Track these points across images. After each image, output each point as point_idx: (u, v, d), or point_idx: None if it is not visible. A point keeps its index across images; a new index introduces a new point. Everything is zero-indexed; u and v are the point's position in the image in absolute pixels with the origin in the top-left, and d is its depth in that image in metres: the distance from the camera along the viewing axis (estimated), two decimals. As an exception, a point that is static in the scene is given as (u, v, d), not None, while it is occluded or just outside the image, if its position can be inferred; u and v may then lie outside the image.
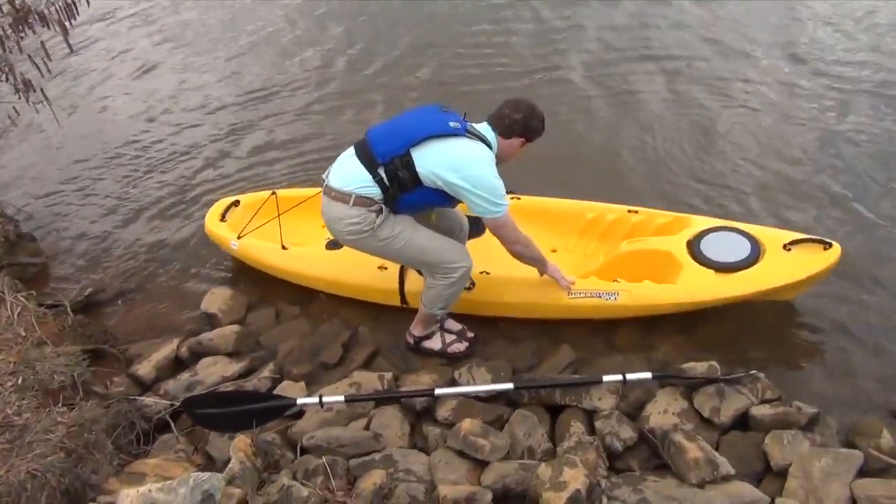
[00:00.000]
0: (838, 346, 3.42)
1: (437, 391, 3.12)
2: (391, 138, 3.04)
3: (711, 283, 3.40)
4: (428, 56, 6.67)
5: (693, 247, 3.55)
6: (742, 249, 3.47)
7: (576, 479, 2.57)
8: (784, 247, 3.43)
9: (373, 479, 2.73)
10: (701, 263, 3.47)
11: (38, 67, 4.80)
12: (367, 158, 3.04)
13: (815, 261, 3.37)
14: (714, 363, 3.18)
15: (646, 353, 3.48)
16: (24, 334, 3.64)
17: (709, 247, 3.52)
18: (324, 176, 3.24)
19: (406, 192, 3.04)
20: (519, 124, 3.07)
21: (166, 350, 3.77)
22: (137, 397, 3.35)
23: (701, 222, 3.70)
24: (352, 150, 3.16)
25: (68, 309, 4.10)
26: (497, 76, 6.20)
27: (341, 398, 3.12)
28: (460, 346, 3.54)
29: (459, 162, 2.96)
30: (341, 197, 3.09)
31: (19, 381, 3.14)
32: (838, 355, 3.37)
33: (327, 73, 6.70)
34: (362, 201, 3.06)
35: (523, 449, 2.91)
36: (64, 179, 5.68)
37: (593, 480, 2.62)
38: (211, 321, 4.00)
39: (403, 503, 2.66)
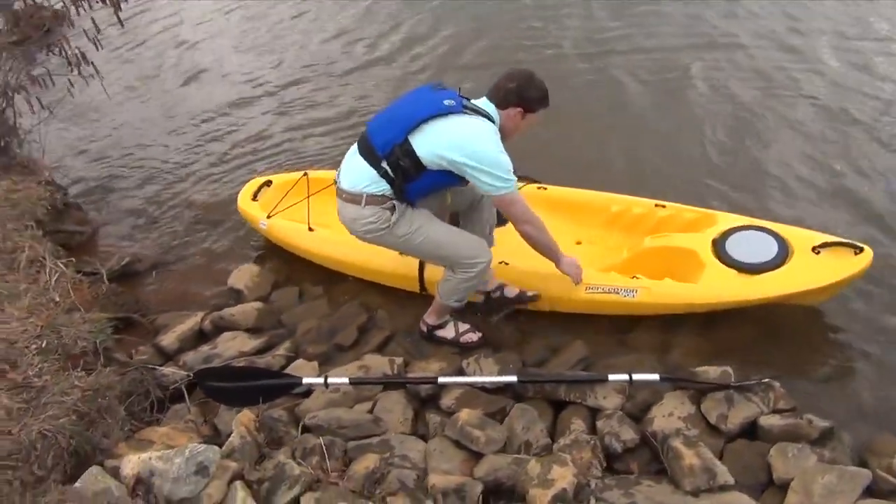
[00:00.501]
0: (864, 358, 3.26)
1: (441, 379, 3.13)
2: (388, 127, 3.00)
3: (734, 284, 3.30)
4: (475, 42, 6.63)
5: (718, 245, 3.45)
6: (769, 250, 3.35)
7: (564, 477, 2.55)
8: (813, 249, 3.30)
9: (366, 463, 2.76)
10: (725, 263, 3.36)
11: (91, 41, 4.97)
12: (369, 153, 3.03)
13: (844, 266, 3.23)
14: (728, 369, 3.09)
15: (660, 354, 3.39)
16: (57, 300, 3.80)
17: (735, 246, 3.41)
18: (335, 177, 3.25)
19: (412, 181, 2.99)
20: (513, 94, 2.97)
21: (191, 322, 3.88)
22: (156, 367, 3.45)
23: (729, 220, 3.59)
24: (355, 147, 3.16)
25: (104, 277, 4.24)
26: (543, 60, 6.13)
27: (346, 380, 3.15)
28: (473, 337, 3.53)
29: (460, 139, 2.89)
30: (352, 198, 3.10)
31: (43, 345, 3.27)
32: (863, 368, 3.21)
33: (375, 56, 6.74)
34: (374, 200, 3.06)
35: (520, 443, 2.89)
36: (113, 152, 5.91)
37: (583, 480, 2.59)
38: (237, 297, 4.09)
39: (394, 489, 2.67)
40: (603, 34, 6.58)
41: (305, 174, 4.49)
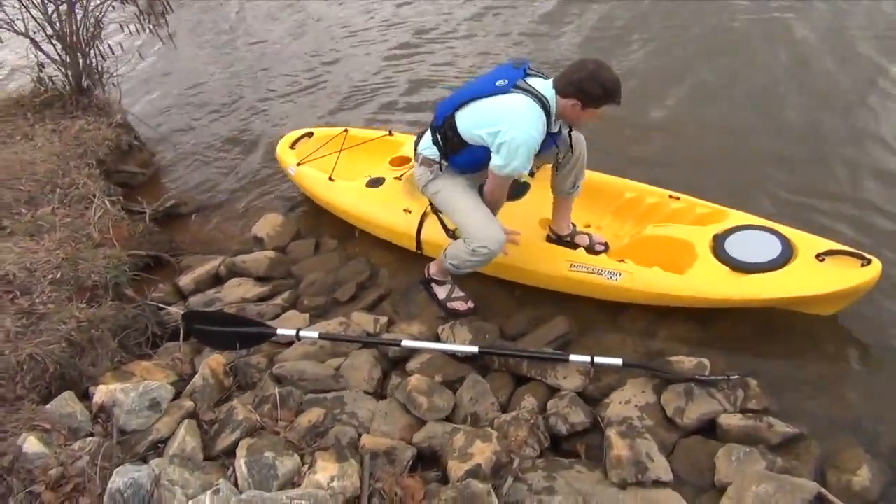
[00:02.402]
0: (859, 370, 2.97)
1: (405, 343, 3.15)
2: (448, 102, 3.21)
3: (720, 281, 3.09)
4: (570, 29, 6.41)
5: (718, 241, 3.26)
6: (769, 252, 3.12)
7: (482, 453, 2.52)
8: (817, 256, 3.03)
9: (310, 416, 2.84)
10: (719, 259, 3.17)
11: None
12: (432, 122, 3.30)
13: (846, 276, 2.94)
14: (704, 361, 2.93)
15: (646, 339, 3.24)
16: (95, 236, 4.10)
17: (734, 244, 3.21)
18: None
19: (456, 153, 3.20)
20: (573, 85, 2.91)
21: (209, 266, 4.09)
22: (158, 305, 3.67)
23: (740, 218, 3.37)
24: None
25: (146, 217, 4.53)
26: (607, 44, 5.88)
27: (316, 335, 3.24)
28: (460, 306, 3.51)
29: (495, 117, 2.98)
30: (415, 157, 3.45)
31: (59, 276, 3.55)
32: (855, 380, 2.92)
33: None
34: (426, 161, 3.35)
35: (467, 414, 2.87)
36: (188, 98, 6.26)
37: (504, 458, 2.54)
38: (259, 244, 4.27)
39: (328, 444, 2.73)
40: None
41: (346, 130, 4.62)
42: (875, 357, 3.00)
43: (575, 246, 3.50)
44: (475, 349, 3.07)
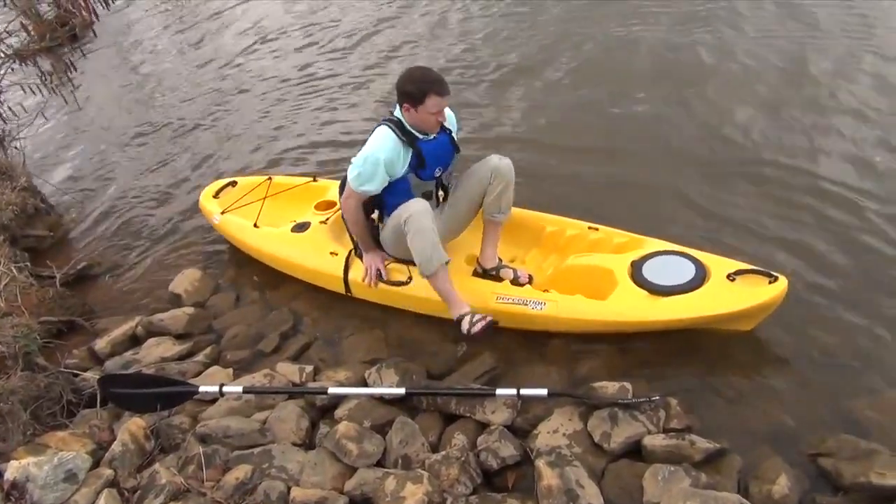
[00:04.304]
0: (774, 381, 3.07)
1: (331, 390, 3.12)
2: None
3: (640, 305, 3.20)
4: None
5: (636, 267, 3.37)
6: (684, 275, 3.25)
7: (413, 495, 2.51)
8: (728, 276, 3.19)
9: (236, 474, 2.77)
10: (638, 284, 3.29)
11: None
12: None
13: (756, 294, 3.09)
14: (626, 385, 2.99)
15: (570, 368, 3.29)
16: (2, 305, 3.94)
17: (651, 269, 3.34)
18: None
19: (382, 201, 3.45)
20: (398, 94, 3.23)
21: (125, 327, 3.97)
22: (72, 371, 3.53)
23: (655, 245, 3.50)
24: None
25: (57, 282, 4.37)
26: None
27: (240, 389, 3.18)
28: (481, 324, 3.26)
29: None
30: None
31: (-37, 349, 3.38)
32: (773, 392, 3.02)
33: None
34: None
35: (398, 457, 2.84)
36: (91, 157, 6.14)
37: (436, 498, 2.53)
38: (176, 301, 4.17)
39: (259, 500, 2.67)
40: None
41: (269, 178, 4.63)
42: (786, 369, 3.12)
43: (500, 279, 3.55)
44: (402, 391, 3.06)
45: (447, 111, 3.35)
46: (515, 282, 3.53)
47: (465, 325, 3.28)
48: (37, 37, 8.35)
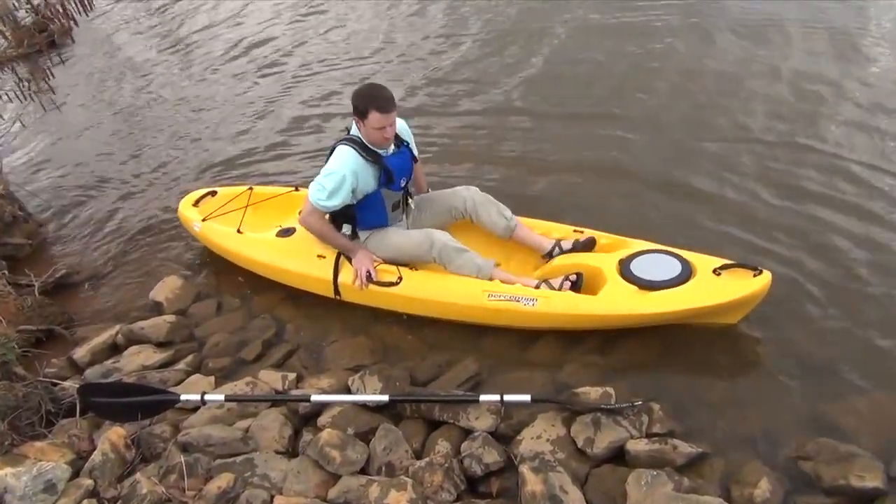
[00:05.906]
0: (755, 385, 3.10)
1: (314, 397, 3.10)
2: None
3: (631, 299, 3.24)
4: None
5: (624, 265, 3.42)
6: (671, 271, 3.32)
7: (398, 502, 2.51)
8: (714, 271, 3.25)
9: (219, 483, 2.76)
10: (627, 280, 3.34)
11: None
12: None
13: (741, 286, 3.16)
14: (609, 390, 3.00)
15: (553, 373, 3.30)
16: (-22, 313, 3.88)
17: (639, 266, 3.39)
18: None
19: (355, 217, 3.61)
20: (353, 109, 3.37)
21: (105, 336, 3.93)
22: (51, 381, 3.49)
23: (639, 245, 3.56)
24: None
25: (35, 290, 4.32)
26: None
27: (222, 397, 3.16)
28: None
29: None
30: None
31: (-61, 359, 3.33)
32: (755, 395, 3.04)
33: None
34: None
35: (381, 464, 2.84)
36: (70, 164, 6.07)
37: (420, 505, 2.52)
38: (157, 309, 4.13)
39: (241, 509, 2.65)
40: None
41: (251, 188, 4.59)
42: (767, 373, 3.15)
43: (570, 251, 3.65)
44: (385, 398, 3.06)
45: (400, 123, 3.56)
46: (583, 246, 3.63)
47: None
48: (14, 43, 8.32)
